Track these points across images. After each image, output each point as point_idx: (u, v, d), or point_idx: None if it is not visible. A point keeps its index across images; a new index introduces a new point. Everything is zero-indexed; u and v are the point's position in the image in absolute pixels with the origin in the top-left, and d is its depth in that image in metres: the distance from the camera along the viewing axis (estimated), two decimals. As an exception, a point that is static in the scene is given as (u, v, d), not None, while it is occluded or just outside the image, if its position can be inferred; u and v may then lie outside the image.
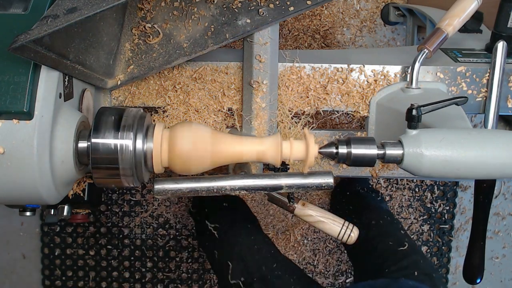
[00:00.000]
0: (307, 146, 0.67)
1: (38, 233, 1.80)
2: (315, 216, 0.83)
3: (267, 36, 0.80)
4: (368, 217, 1.34)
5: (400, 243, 1.15)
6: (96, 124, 0.66)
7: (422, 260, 1.11)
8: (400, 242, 1.16)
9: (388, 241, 1.18)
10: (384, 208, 1.49)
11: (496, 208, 1.83)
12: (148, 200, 1.78)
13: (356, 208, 1.47)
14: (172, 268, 1.82)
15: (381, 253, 1.17)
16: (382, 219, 1.30)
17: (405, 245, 1.14)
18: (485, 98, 0.86)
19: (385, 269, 1.10)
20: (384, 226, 1.27)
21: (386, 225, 1.28)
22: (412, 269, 1.07)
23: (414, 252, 1.14)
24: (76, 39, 0.68)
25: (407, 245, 1.14)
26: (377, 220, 1.30)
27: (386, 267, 1.11)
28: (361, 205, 1.49)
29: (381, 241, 1.20)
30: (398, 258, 1.12)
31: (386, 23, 1.59)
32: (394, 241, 1.17)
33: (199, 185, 0.66)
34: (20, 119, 0.62)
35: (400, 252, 1.13)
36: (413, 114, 0.64)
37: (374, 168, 0.90)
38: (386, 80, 0.86)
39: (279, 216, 1.80)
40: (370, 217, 1.33)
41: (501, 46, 0.83)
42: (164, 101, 0.87)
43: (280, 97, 0.87)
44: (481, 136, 0.63)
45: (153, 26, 0.82)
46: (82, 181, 0.85)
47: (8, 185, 0.64)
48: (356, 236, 0.83)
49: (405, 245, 1.14)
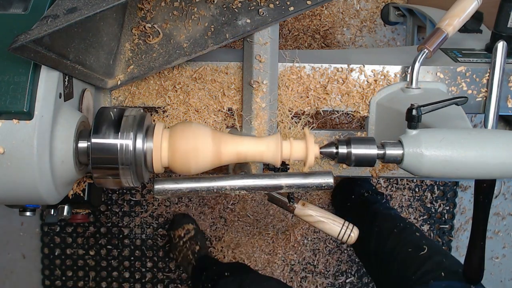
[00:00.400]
0: (307, 146, 0.67)
1: (38, 233, 1.80)
2: (315, 216, 0.82)
3: (267, 36, 0.80)
4: (380, 226, 1.31)
5: (419, 248, 1.13)
6: (96, 124, 0.66)
7: (445, 259, 1.08)
8: (419, 246, 1.14)
9: (407, 248, 1.16)
10: (394, 214, 1.46)
11: (496, 208, 1.83)
12: (148, 200, 1.78)
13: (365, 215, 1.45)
14: (172, 268, 1.82)
15: (402, 263, 1.14)
16: (395, 227, 1.28)
17: (425, 249, 1.12)
18: (485, 98, 0.86)
19: (411, 276, 1.07)
20: (399, 234, 1.25)
21: (401, 232, 1.25)
22: (438, 270, 1.04)
23: (435, 253, 1.11)
24: (76, 39, 0.68)
25: (426, 248, 1.12)
26: (391, 229, 1.27)
27: (411, 275, 1.08)
28: (369, 212, 1.47)
29: (400, 251, 1.18)
30: (421, 263, 1.09)
31: (386, 23, 1.59)
32: (413, 247, 1.15)
33: (199, 185, 0.66)
34: (20, 119, 0.62)
35: (421, 257, 1.11)
36: (413, 114, 0.64)
37: (374, 168, 0.90)
38: (386, 80, 0.86)
39: (279, 216, 1.80)
40: (383, 226, 1.30)
41: (501, 46, 0.83)
42: (164, 101, 0.87)
43: (280, 97, 0.87)
44: (481, 136, 0.63)
45: (153, 26, 0.82)
46: (82, 181, 0.85)
47: (8, 185, 0.64)
48: (356, 236, 0.83)
49: (424, 249, 1.12)
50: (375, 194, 1.63)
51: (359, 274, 1.84)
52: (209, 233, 1.80)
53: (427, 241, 1.18)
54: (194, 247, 1.67)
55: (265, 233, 1.82)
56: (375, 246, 1.27)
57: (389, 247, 1.22)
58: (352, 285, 1.84)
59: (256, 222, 1.82)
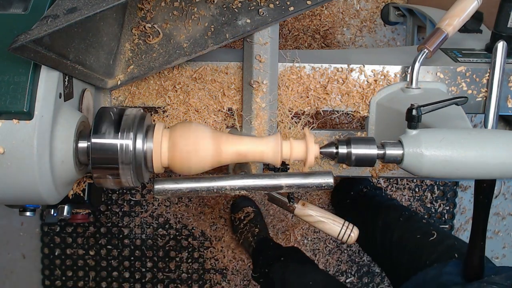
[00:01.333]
0: (307, 146, 0.67)
1: (38, 233, 1.80)
2: (315, 216, 0.82)
3: (267, 36, 0.80)
4: (384, 217, 1.30)
5: (428, 234, 1.11)
6: (96, 124, 0.66)
7: (457, 242, 1.07)
8: (428, 232, 1.12)
9: (416, 235, 1.14)
10: (397, 204, 1.44)
11: (496, 208, 1.83)
12: (148, 200, 1.78)
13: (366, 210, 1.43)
14: (172, 268, 1.82)
15: (413, 250, 1.13)
16: (401, 216, 1.26)
17: (434, 234, 1.10)
18: (485, 98, 0.86)
19: (426, 261, 1.05)
20: (406, 222, 1.23)
21: (407, 221, 1.24)
22: (451, 252, 1.03)
23: (446, 237, 1.10)
24: (76, 39, 0.68)
25: (435, 234, 1.10)
26: (396, 219, 1.26)
27: (425, 259, 1.06)
28: (371, 206, 1.45)
29: (409, 239, 1.16)
30: (433, 247, 1.08)
31: (386, 23, 1.59)
32: (422, 234, 1.13)
33: (199, 185, 0.66)
34: (20, 119, 0.62)
35: (432, 242, 1.09)
36: (413, 114, 0.64)
37: (374, 168, 0.90)
38: (386, 80, 0.86)
39: (279, 216, 1.80)
40: (387, 218, 1.29)
41: (501, 46, 0.83)
42: (164, 101, 0.87)
43: (280, 97, 0.87)
44: (481, 136, 0.63)
45: (153, 26, 0.82)
46: (82, 181, 0.85)
47: (8, 185, 0.64)
48: (356, 236, 0.83)
49: (433, 234, 1.10)
50: (374, 189, 1.63)
51: (359, 274, 1.84)
52: (209, 233, 1.80)
53: (434, 227, 1.16)
54: (253, 229, 1.68)
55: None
56: (381, 238, 1.25)
57: (396, 237, 1.20)
58: (352, 285, 1.84)
59: (256, 222, 1.82)
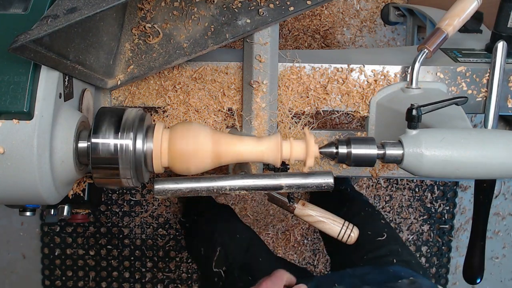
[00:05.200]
0: (307, 146, 0.67)
1: (38, 233, 1.80)
2: (315, 216, 0.82)
3: (267, 36, 0.80)
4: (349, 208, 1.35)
5: (379, 234, 1.17)
6: (96, 124, 0.66)
7: (401, 249, 1.12)
8: (379, 232, 1.17)
9: (367, 231, 1.19)
10: (365, 200, 1.51)
11: (496, 208, 1.83)
12: (148, 200, 1.78)
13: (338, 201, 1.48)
14: (172, 268, 1.82)
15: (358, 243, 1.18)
16: (363, 211, 1.32)
17: (384, 235, 1.15)
18: (485, 98, 0.86)
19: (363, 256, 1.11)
20: (365, 218, 1.29)
21: (367, 217, 1.29)
22: (390, 257, 1.08)
23: (393, 241, 1.15)
24: (76, 39, 0.68)
25: (385, 235, 1.15)
26: (358, 212, 1.31)
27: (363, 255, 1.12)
28: (343, 198, 1.50)
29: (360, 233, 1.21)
30: (376, 247, 1.13)
31: (386, 23, 1.59)
32: (373, 231, 1.18)
33: (199, 185, 0.66)
34: (20, 119, 0.62)
35: (378, 242, 1.15)
36: (413, 114, 0.64)
37: (374, 168, 0.90)
38: (386, 80, 0.86)
39: (279, 216, 1.80)
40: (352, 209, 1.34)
41: (501, 46, 0.83)
42: (164, 101, 0.87)
43: (280, 97, 0.87)
44: (481, 136, 0.63)
45: (153, 26, 0.82)
46: (82, 181, 0.85)
47: (8, 185, 0.64)
48: (356, 236, 0.83)
49: (383, 235, 1.15)
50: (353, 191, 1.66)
51: (359, 274, 1.84)
52: (209, 233, 1.80)
53: (389, 230, 1.21)
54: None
55: (265, 233, 1.82)
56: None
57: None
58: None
59: (256, 222, 1.82)
